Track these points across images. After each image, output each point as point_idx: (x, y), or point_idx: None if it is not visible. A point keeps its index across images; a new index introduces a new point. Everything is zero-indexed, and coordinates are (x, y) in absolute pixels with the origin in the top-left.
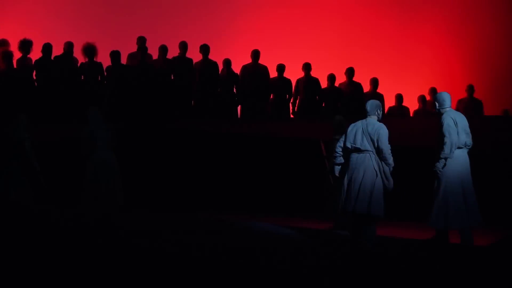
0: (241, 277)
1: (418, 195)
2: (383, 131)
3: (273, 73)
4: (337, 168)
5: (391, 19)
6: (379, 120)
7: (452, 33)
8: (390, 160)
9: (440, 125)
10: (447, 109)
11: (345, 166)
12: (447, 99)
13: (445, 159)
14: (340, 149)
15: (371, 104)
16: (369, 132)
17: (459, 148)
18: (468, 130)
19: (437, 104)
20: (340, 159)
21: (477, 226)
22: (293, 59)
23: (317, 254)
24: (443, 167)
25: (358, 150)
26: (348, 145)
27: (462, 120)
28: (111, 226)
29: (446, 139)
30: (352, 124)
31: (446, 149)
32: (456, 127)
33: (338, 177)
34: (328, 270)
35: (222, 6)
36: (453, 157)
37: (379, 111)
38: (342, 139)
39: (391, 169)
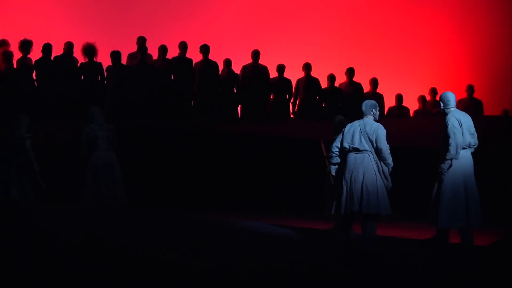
0: (239, 277)
1: (418, 195)
2: (382, 131)
3: (273, 73)
4: (333, 168)
5: (391, 19)
6: (375, 120)
7: (452, 33)
8: (390, 160)
9: (444, 125)
10: (452, 109)
11: (342, 166)
12: (452, 99)
13: (451, 160)
14: (337, 149)
15: (366, 104)
16: (367, 132)
17: (463, 148)
18: (472, 130)
19: (442, 104)
20: (337, 159)
21: (477, 228)
22: (293, 59)
23: (316, 254)
24: (448, 168)
25: (357, 150)
26: (346, 145)
27: (467, 121)
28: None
29: (451, 140)
30: (349, 124)
31: (452, 150)
32: (461, 128)
33: (335, 176)
34: (328, 270)
35: (222, 6)
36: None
37: (374, 111)
38: (339, 139)
39: (390, 169)
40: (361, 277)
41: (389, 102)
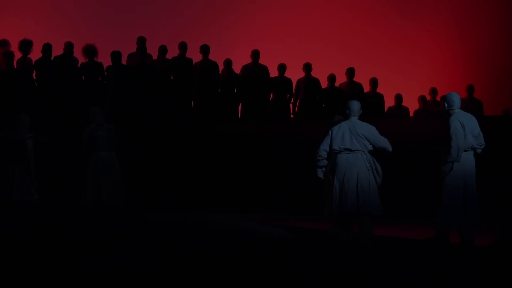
0: (239, 277)
1: (418, 195)
2: (374, 131)
3: (273, 73)
4: (320, 171)
5: (391, 20)
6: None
7: (452, 33)
8: (390, 148)
9: (447, 127)
10: (456, 110)
11: (334, 167)
12: (456, 100)
13: (452, 162)
14: (325, 153)
15: (357, 104)
16: (358, 132)
17: (465, 151)
18: (476, 132)
19: (446, 104)
20: (324, 162)
21: (475, 229)
22: (294, 59)
23: (315, 254)
24: (449, 171)
25: (349, 150)
26: (336, 147)
27: (470, 123)
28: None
29: (453, 143)
30: (336, 126)
31: (453, 152)
32: (464, 130)
33: (323, 178)
34: (327, 270)
35: (222, 6)
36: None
37: (361, 111)
38: (326, 142)
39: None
40: (361, 277)
41: (389, 102)
